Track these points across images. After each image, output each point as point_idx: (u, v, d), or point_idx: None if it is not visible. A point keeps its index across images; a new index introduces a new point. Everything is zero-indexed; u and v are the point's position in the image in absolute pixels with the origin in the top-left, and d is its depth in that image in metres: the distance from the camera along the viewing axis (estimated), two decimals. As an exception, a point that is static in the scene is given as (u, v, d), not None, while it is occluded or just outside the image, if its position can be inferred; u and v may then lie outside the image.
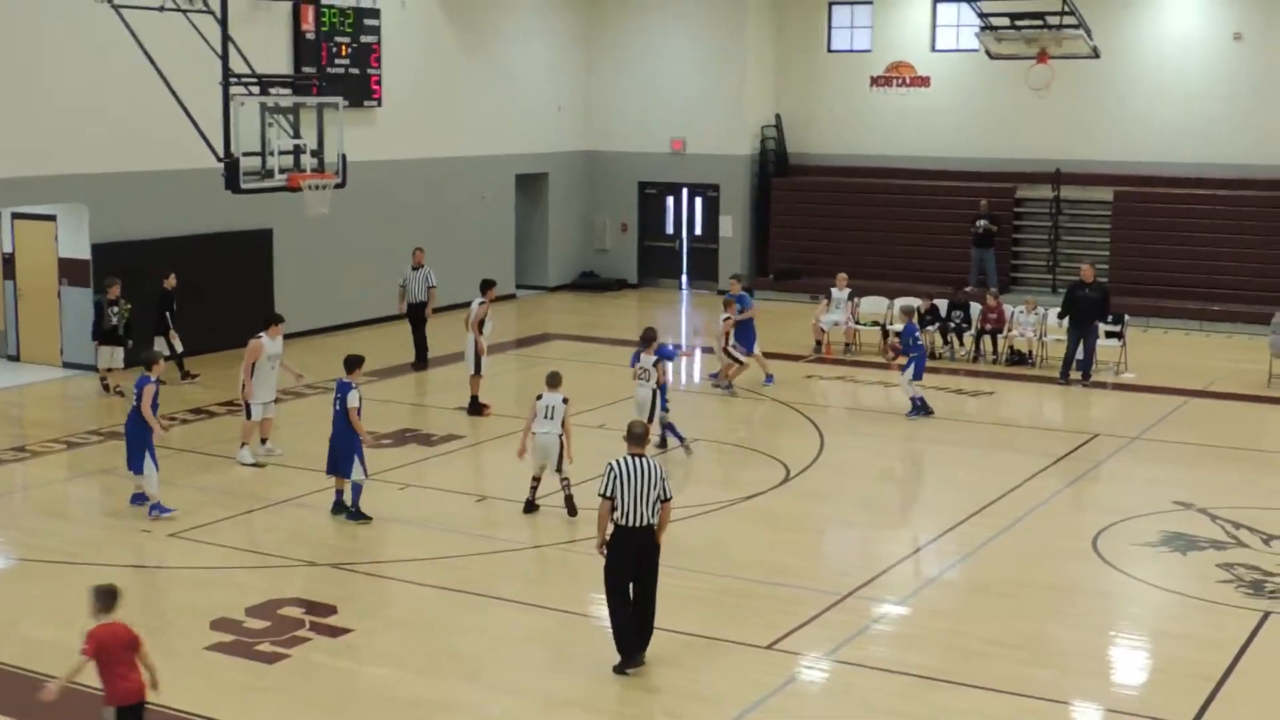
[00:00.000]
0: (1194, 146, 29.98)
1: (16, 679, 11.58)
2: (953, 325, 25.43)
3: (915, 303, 24.39)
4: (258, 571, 14.16)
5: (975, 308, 25.42)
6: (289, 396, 21.51)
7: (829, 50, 33.48)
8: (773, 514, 16.39)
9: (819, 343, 25.77)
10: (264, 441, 18.36)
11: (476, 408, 20.68)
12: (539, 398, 15.74)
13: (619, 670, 11.58)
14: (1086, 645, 12.57)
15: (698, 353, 26.54)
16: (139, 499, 15.94)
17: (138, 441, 15.68)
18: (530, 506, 15.91)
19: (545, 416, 15.65)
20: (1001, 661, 12.00)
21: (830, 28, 33.39)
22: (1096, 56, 27.02)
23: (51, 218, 23.56)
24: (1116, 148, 30.60)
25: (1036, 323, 24.80)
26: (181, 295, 22.68)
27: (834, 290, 26.01)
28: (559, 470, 15.72)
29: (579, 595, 13.62)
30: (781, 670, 11.79)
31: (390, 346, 25.31)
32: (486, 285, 21.44)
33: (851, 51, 33.24)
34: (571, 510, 15.65)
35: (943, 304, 25.67)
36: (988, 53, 27.41)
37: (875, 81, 32.93)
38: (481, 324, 20.67)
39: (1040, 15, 25.89)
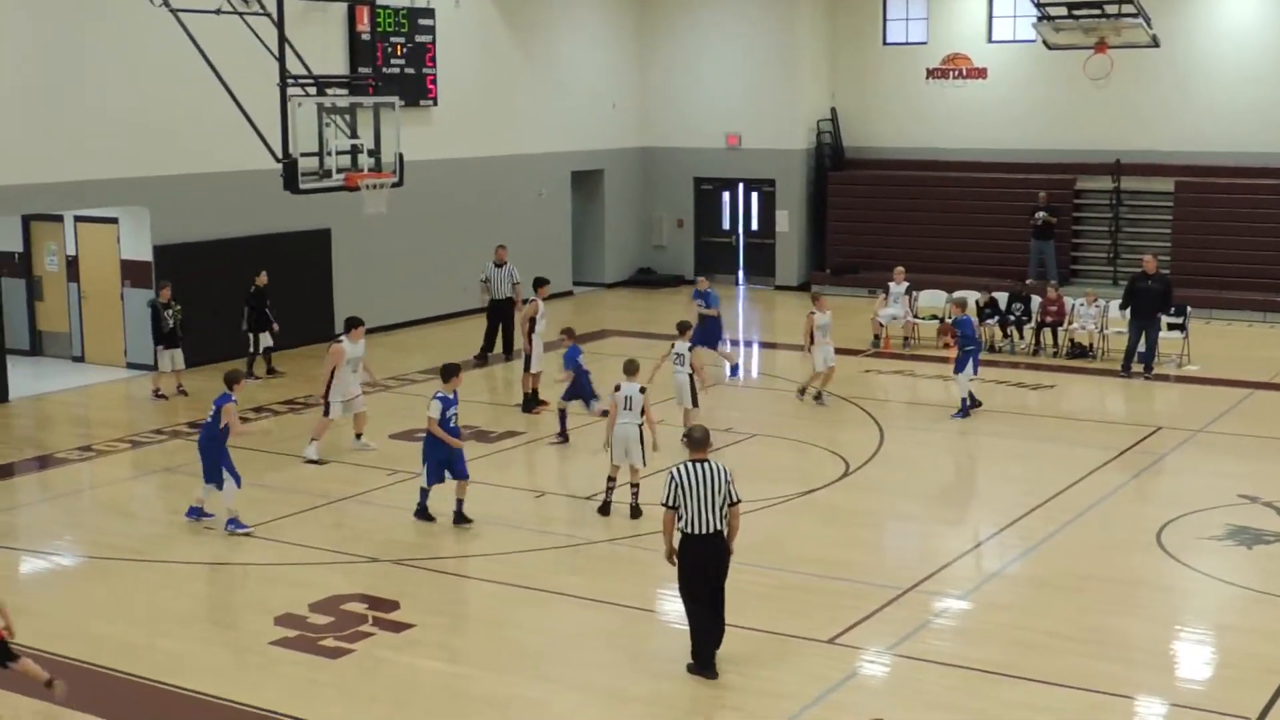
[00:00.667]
0: (1255, 135, 29.62)
1: (87, 674, 11.70)
2: (1013, 318, 25.26)
3: (971, 295, 24.23)
4: (321, 568, 14.27)
5: (1035, 300, 25.24)
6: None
7: (884, 43, 33.33)
8: (833, 508, 16.35)
9: (877, 337, 25.68)
10: (359, 436, 18.74)
11: (529, 404, 20.72)
12: (617, 388, 15.73)
13: (693, 670, 11.50)
14: (1151, 639, 12.46)
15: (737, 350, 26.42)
16: (195, 513, 15.69)
17: (214, 457, 15.40)
18: (605, 509, 15.77)
19: (624, 407, 15.58)
20: (1065, 655, 11.91)
21: (885, 20, 33.24)
22: (1156, 45, 26.76)
23: (114, 220, 23.82)
24: (1177, 137, 30.27)
25: (1097, 315, 24.59)
26: (235, 297, 22.93)
27: (891, 284, 25.91)
28: (639, 467, 15.60)
29: (642, 591, 13.64)
30: (844, 664, 11.76)
31: (449, 344, 25.44)
32: (539, 283, 21.59)
33: (907, 44, 33.06)
34: (635, 513, 15.56)
35: (1002, 297, 25.51)
36: (1045, 43, 27.21)
37: (931, 74, 32.75)
38: (532, 321, 20.72)
39: (1098, 4, 25.67)
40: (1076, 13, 25.95)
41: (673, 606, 13.52)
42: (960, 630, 12.75)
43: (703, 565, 11.29)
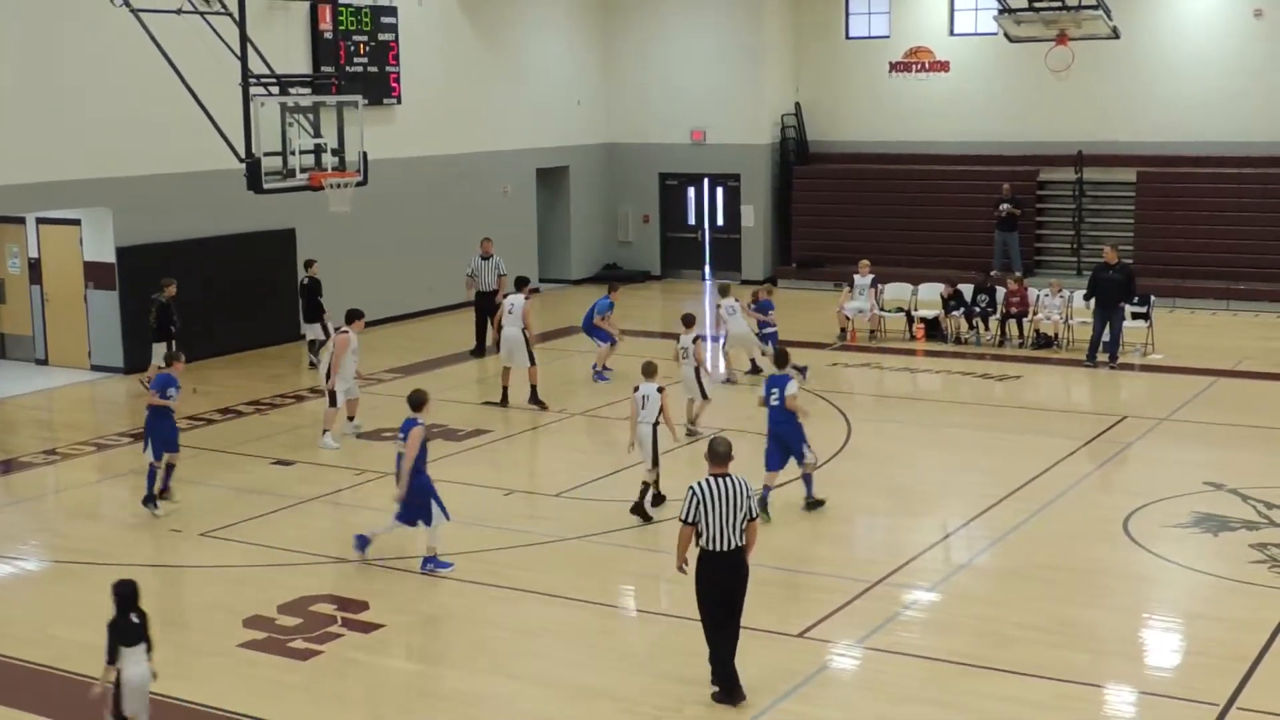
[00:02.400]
0: (1216, 125, 29.81)
1: (49, 679, 11.64)
2: (978, 310, 25.35)
3: (935, 287, 24.35)
4: (289, 569, 14.21)
5: (1000, 292, 25.34)
6: (316, 395, 21.61)
7: (847, 37, 33.40)
8: (801, 502, 16.36)
9: (843, 330, 25.73)
10: (351, 419, 19.15)
11: (538, 399, 20.81)
12: (636, 389, 15.71)
13: (719, 699, 10.93)
14: (1120, 628, 12.53)
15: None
16: (363, 541, 14.39)
17: (424, 491, 14.07)
18: (640, 509, 15.52)
19: (641, 407, 15.53)
20: (1034, 646, 11.97)
21: (848, 14, 33.31)
22: (1116, 37, 26.89)
23: (76, 222, 23.67)
24: (1138, 128, 30.46)
25: (1062, 306, 24.70)
26: (200, 297, 22.85)
27: (857, 277, 25.97)
28: (652, 465, 15.49)
29: (609, 587, 13.66)
30: (813, 658, 11.78)
31: (415, 342, 25.41)
32: (522, 282, 21.75)
33: (870, 38, 33.14)
34: (643, 516, 15.40)
35: (967, 289, 25.59)
36: (1007, 35, 27.30)
37: (894, 67, 32.84)
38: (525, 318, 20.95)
39: (1059, -4, 25.78)
40: (1037, 5, 26.04)
41: (642, 603, 13.55)
42: (929, 622, 12.79)
43: (721, 583, 10.85)
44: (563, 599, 13.31)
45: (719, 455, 10.98)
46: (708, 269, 34.14)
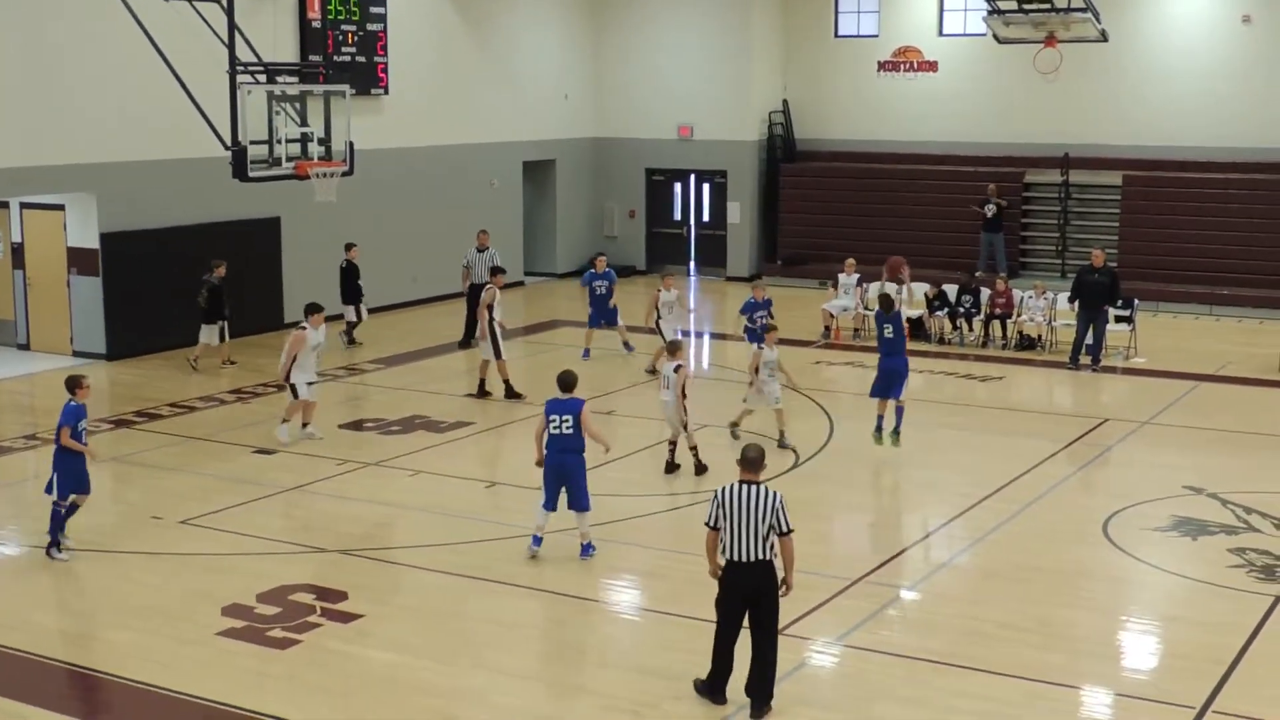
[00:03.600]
0: (1203, 130, 29.90)
1: (28, 664, 11.60)
2: (962, 310, 25.39)
3: (920, 287, 24.36)
4: (268, 558, 14.19)
5: (984, 293, 25.38)
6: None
7: (836, 36, 33.43)
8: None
9: (827, 328, 25.77)
10: (305, 425, 18.59)
11: (513, 392, 20.67)
12: (655, 368, 16.92)
13: (699, 690, 10.84)
14: (1098, 630, 12.56)
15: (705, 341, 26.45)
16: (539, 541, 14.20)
17: (578, 472, 13.89)
18: (671, 467, 17.00)
19: (664, 386, 16.66)
20: (1013, 646, 12.00)
21: (837, 13, 33.33)
22: (1105, 40, 26.95)
23: (60, 207, 23.58)
24: (1125, 132, 30.53)
25: (1046, 307, 24.76)
26: (184, 285, 22.84)
27: (842, 276, 26.01)
28: (683, 431, 16.74)
29: (590, 581, 13.65)
30: (792, 655, 11.76)
31: (399, 333, 25.37)
32: (495, 271, 21.60)
33: (858, 37, 33.17)
34: (700, 469, 16.81)
35: (952, 289, 25.63)
36: (995, 37, 27.36)
37: (883, 67, 32.87)
38: (490, 309, 20.64)
39: (1048, -1, 25.83)
40: (1026, 7, 26.11)
41: (621, 597, 13.57)
42: (909, 621, 12.82)
43: (741, 594, 10.48)
44: (544, 592, 13.30)
45: (749, 461, 10.58)
46: (693, 264, 34.15)
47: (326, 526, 15.33)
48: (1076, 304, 23.48)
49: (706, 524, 10.57)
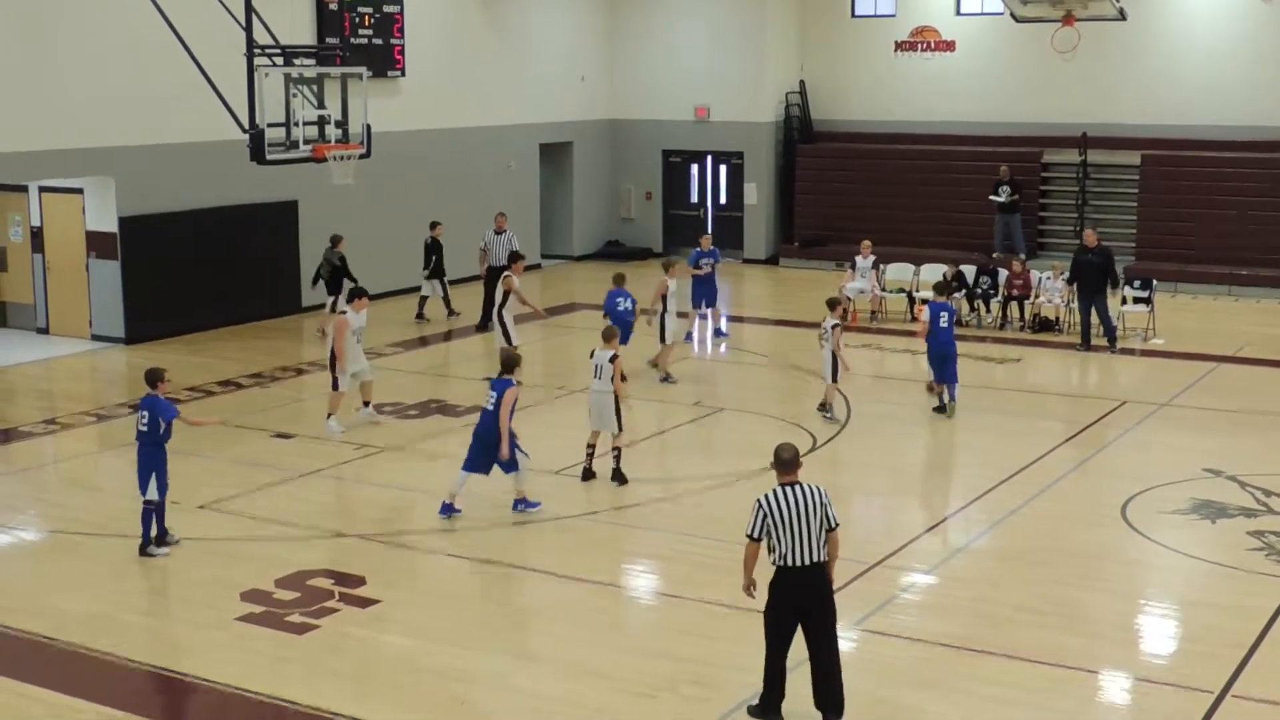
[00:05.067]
0: (1222, 109, 29.73)
1: (51, 650, 11.66)
2: (979, 292, 25.32)
3: (938, 269, 24.33)
4: (287, 543, 14.22)
5: (1002, 274, 25.30)
6: (316, 368, 21.66)
7: (853, 15, 33.30)
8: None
9: (845, 311, 25.68)
10: (366, 404, 18.62)
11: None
12: (591, 355, 15.79)
13: (753, 714, 10.29)
14: (1116, 613, 12.53)
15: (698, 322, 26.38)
16: (448, 509, 14.78)
17: (488, 443, 14.52)
18: (587, 474, 15.93)
19: (595, 375, 15.63)
20: (1030, 629, 11.98)
21: (854, -8, 33.25)
22: (1123, 19, 26.84)
23: (79, 191, 23.63)
24: (1143, 111, 30.37)
25: (1063, 289, 24.66)
26: (201, 268, 22.92)
27: (858, 258, 25.94)
28: (615, 433, 15.73)
29: (606, 565, 13.67)
30: (809, 639, 11.78)
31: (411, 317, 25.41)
32: (514, 258, 21.48)
33: (875, 16, 33.04)
34: (618, 478, 15.71)
35: (970, 271, 25.55)
36: (1013, 15, 27.27)
37: (900, 46, 32.74)
38: (505, 296, 20.59)
39: (1066, -23, 25.72)
40: (1044, -14, 26.01)
41: (636, 581, 13.58)
42: (926, 605, 12.81)
43: (799, 601, 9.95)
44: (559, 577, 13.32)
45: (786, 462, 10.05)
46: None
47: (344, 511, 15.37)
48: (1075, 286, 23.41)
49: (749, 535, 9.98)
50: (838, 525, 10.08)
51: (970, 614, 12.35)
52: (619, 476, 15.74)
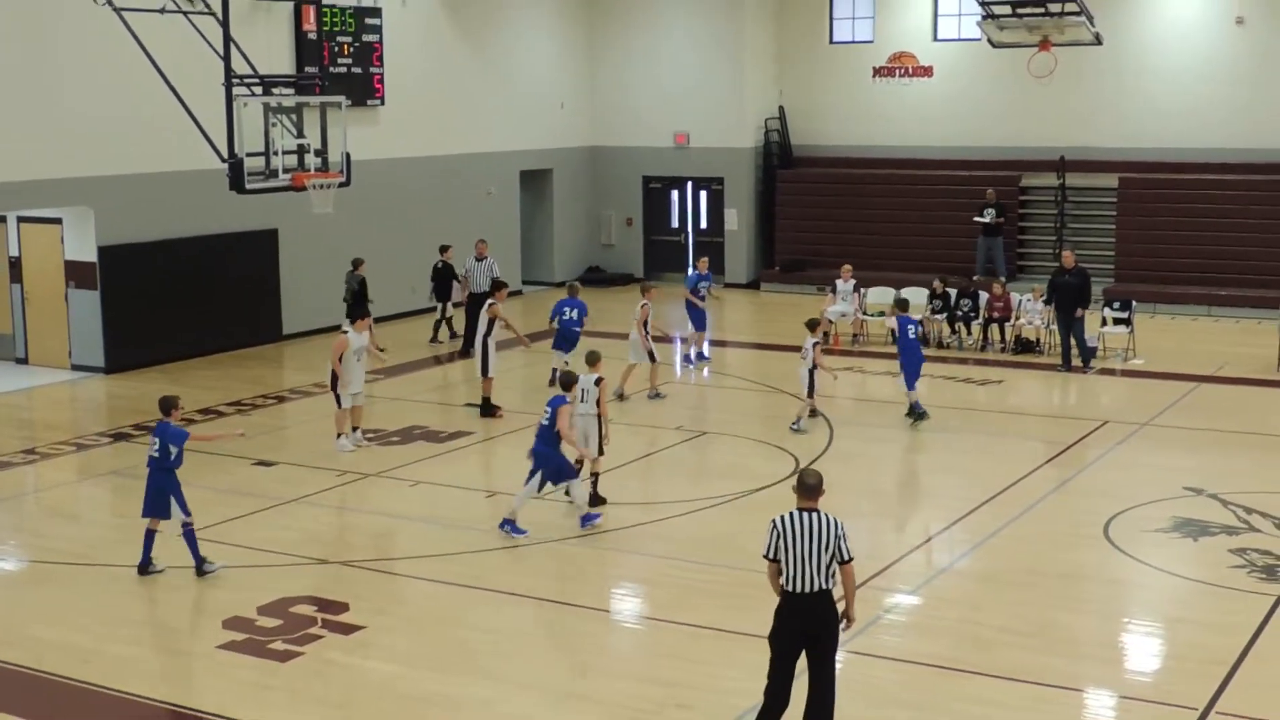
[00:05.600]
0: (1198, 131, 29.93)
1: (26, 679, 11.58)
2: (960, 314, 25.40)
3: (918, 292, 24.44)
4: (269, 570, 14.16)
5: (983, 296, 25.39)
6: (297, 395, 21.65)
7: (831, 42, 33.46)
8: (782, 506, 16.27)
9: (826, 334, 25.72)
10: (355, 429, 18.70)
11: (489, 410, 20.49)
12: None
13: None
14: (1099, 632, 12.54)
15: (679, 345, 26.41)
16: (510, 526, 15.02)
17: (548, 455, 14.91)
18: (595, 500, 15.84)
19: (580, 399, 15.63)
20: (1014, 650, 11.98)
21: (832, 19, 33.37)
22: (1099, 43, 26.98)
23: (57, 221, 23.58)
24: (1121, 134, 30.57)
25: (1044, 311, 24.74)
26: (181, 297, 22.92)
27: (839, 282, 26.03)
28: (598, 454, 15.75)
29: (594, 590, 13.64)
30: (794, 661, 11.77)
31: (397, 344, 25.36)
32: (498, 286, 21.51)
33: (853, 43, 33.20)
34: (595, 501, 15.66)
35: (951, 293, 25.63)
36: (990, 41, 27.39)
37: (878, 72, 32.90)
38: (490, 324, 20.52)
39: (1042, 2, 25.91)
40: (1020, 11, 26.15)
41: (621, 605, 13.56)
42: (910, 625, 12.81)
43: (800, 627, 9.89)
44: (545, 601, 13.29)
45: (808, 488, 10.12)
46: (690, 272, 34.06)
47: (327, 538, 15.32)
48: (1052, 306, 23.51)
49: (765, 556, 9.97)
50: (851, 559, 9.93)
51: (955, 634, 12.35)
52: (595, 499, 15.71)
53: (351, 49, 27.22)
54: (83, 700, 11.27)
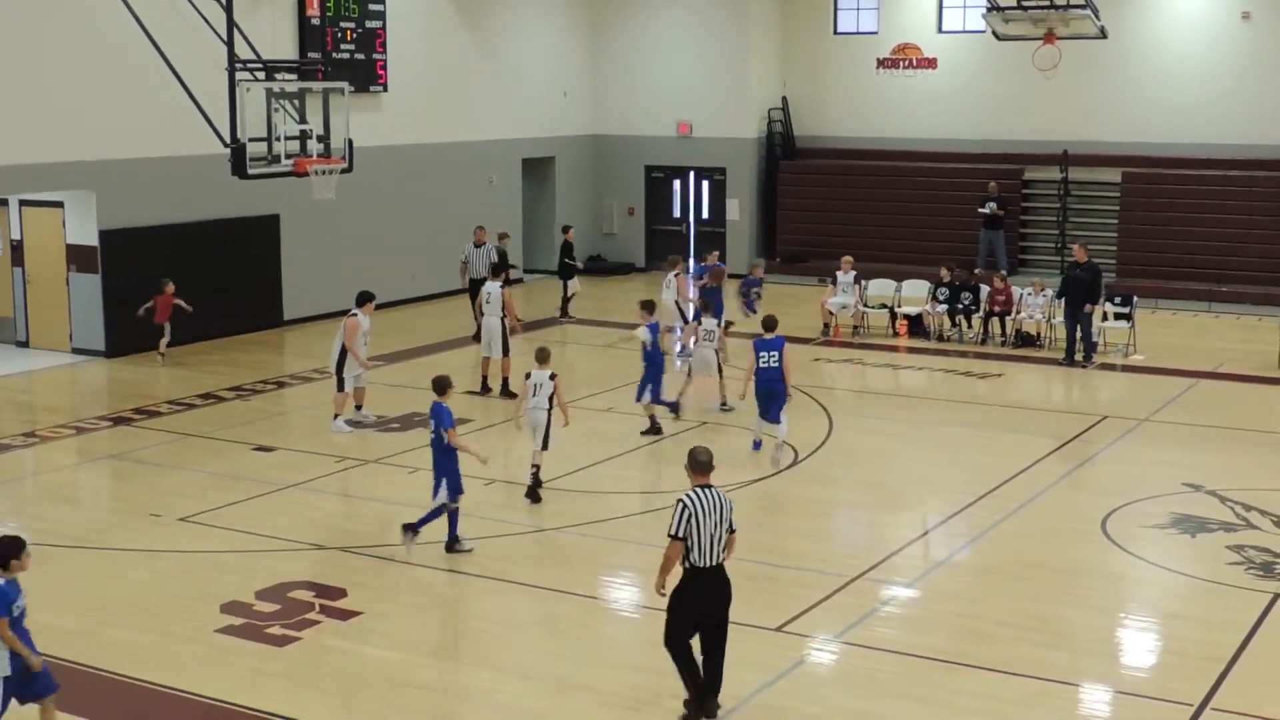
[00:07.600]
0: (1202, 127, 29.89)
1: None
2: (961, 307, 25.39)
3: (923, 285, 24.38)
4: (267, 555, 14.18)
5: (984, 289, 25.38)
6: (298, 381, 21.67)
7: (835, 32, 33.41)
8: (782, 497, 16.40)
9: (826, 326, 25.75)
10: (359, 408, 19.09)
11: (509, 392, 20.46)
12: (527, 376, 15.88)
13: (692, 711, 10.49)
14: (1097, 627, 12.55)
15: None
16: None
17: (770, 393, 16.99)
18: (533, 491, 15.89)
19: (532, 394, 15.79)
20: (1012, 643, 12.00)
21: (836, 9, 33.32)
22: (1104, 37, 26.93)
23: (59, 204, 23.57)
24: (1124, 128, 30.52)
25: (1044, 304, 24.75)
26: (183, 282, 22.88)
27: (839, 273, 26.01)
28: (542, 448, 15.77)
29: (589, 579, 13.65)
30: (791, 652, 11.80)
31: (398, 330, 25.36)
32: (498, 269, 21.61)
33: (858, 33, 33.15)
34: (534, 497, 15.70)
35: (957, 283, 25.63)
36: (994, 34, 27.33)
37: (882, 64, 32.86)
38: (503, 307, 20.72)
39: (1047, -5, 25.83)
40: (1025, 4, 26.10)
41: (619, 594, 13.57)
42: (907, 618, 12.82)
43: (708, 601, 10.28)
44: (543, 590, 13.30)
45: (702, 465, 10.43)
46: (692, 262, 34.07)
47: (325, 524, 15.33)
48: (1063, 301, 23.52)
49: (672, 535, 10.17)
50: (736, 530, 10.47)
51: (952, 628, 12.36)
52: (534, 495, 15.72)
53: (355, 35, 27.19)
54: (82, 684, 11.27)
